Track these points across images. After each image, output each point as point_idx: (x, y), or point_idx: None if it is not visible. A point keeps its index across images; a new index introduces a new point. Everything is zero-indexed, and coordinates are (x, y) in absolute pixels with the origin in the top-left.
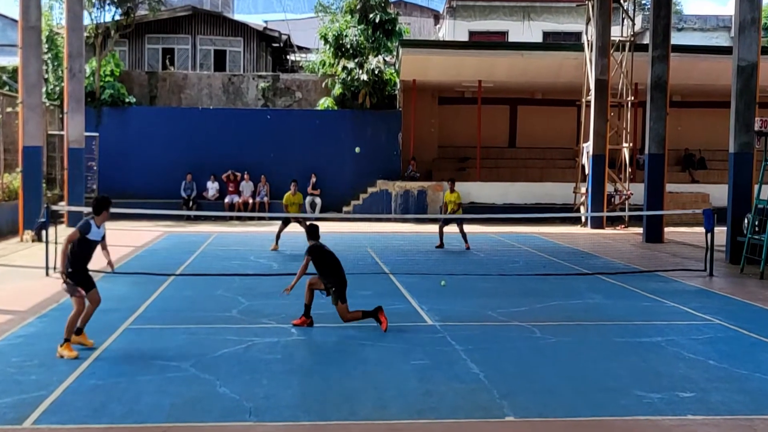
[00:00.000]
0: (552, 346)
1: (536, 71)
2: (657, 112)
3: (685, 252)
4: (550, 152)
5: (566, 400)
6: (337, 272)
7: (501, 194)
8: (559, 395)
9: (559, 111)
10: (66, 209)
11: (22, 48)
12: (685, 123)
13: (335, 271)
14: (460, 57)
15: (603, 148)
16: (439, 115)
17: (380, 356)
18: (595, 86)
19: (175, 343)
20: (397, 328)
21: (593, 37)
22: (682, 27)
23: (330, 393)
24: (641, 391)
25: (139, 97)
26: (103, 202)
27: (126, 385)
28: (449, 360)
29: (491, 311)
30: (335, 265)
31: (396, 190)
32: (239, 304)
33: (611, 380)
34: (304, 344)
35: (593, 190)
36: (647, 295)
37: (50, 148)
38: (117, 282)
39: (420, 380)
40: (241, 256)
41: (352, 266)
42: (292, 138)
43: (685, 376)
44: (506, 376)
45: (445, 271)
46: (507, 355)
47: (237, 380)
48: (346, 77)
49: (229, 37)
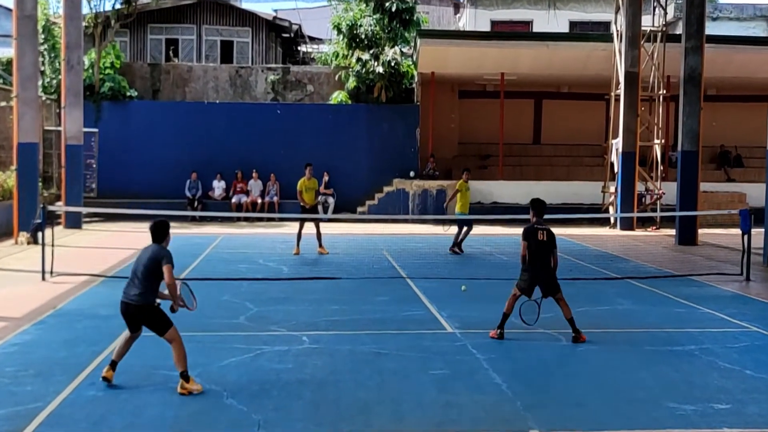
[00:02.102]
0: (579, 355)
1: (562, 63)
2: (690, 106)
3: (721, 255)
4: (577, 149)
5: (594, 412)
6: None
7: (525, 194)
8: (587, 407)
9: (587, 105)
10: (63, 210)
11: (17, 39)
12: (721, 118)
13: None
14: (481, 48)
15: (633, 145)
16: (459, 110)
17: (397, 366)
18: (624, 79)
19: None
20: (415, 336)
21: (623, 27)
22: (717, 16)
23: (343, 404)
24: (674, 402)
25: (140, 91)
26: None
27: (127, 396)
28: (470, 370)
29: (514, 318)
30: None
31: (413, 190)
32: (247, 310)
33: (642, 391)
34: (316, 353)
35: (623, 189)
36: (680, 301)
37: (46, 144)
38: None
39: (439, 391)
40: (249, 260)
41: (367, 270)
42: (303, 134)
43: (721, 387)
44: (531, 387)
45: (466, 276)
46: (531, 364)
47: (245, 391)
48: (361, 69)
49: (236, 27)
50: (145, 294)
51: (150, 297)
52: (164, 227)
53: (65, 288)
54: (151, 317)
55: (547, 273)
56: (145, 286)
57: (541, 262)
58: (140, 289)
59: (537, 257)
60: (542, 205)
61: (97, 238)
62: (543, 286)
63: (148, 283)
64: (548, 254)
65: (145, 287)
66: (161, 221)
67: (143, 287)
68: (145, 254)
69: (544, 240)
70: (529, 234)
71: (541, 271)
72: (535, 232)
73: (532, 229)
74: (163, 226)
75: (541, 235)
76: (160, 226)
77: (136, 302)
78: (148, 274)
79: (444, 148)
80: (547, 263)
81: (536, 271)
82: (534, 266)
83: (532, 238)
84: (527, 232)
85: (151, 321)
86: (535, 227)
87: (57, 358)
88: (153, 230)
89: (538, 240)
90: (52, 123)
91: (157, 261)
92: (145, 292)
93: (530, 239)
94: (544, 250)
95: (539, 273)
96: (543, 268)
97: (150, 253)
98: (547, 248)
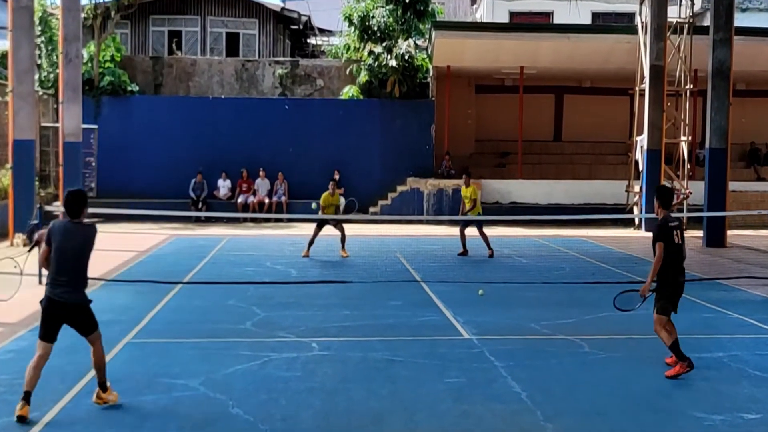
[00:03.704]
0: (602, 363)
1: (584, 56)
2: (719, 101)
3: (750, 257)
4: (599, 147)
5: (617, 422)
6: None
7: (545, 193)
8: (610, 417)
9: (610, 101)
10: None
11: (13, 30)
12: (750, 114)
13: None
14: (499, 40)
15: (659, 142)
16: (476, 106)
17: (411, 373)
18: (649, 73)
19: (183, 359)
20: (430, 343)
21: (648, 18)
22: (746, 7)
23: (355, 414)
24: (701, 412)
25: (142, 85)
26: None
27: (128, 406)
28: (488, 378)
29: (534, 323)
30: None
31: (428, 189)
32: (254, 315)
33: (667, 400)
34: (326, 360)
35: (648, 188)
36: (707, 306)
37: (43, 141)
38: (118, 291)
39: (455, 400)
40: (256, 262)
41: (380, 273)
42: (312, 131)
43: (751, 396)
44: (551, 396)
45: (483, 279)
46: (552, 372)
47: (251, 400)
48: (373, 63)
49: (242, 19)
50: (83, 288)
51: (84, 291)
52: (83, 197)
53: None
54: (88, 314)
55: (684, 281)
56: (80, 277)
57: (680, 269)
58: (78, 283)
59: (676, 263)
60: (670, 195)
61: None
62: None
63: (83, 275)
64: (683, 258)
65: (81, 279)
66: (77, 190)
67: (80, 280)
68: (74, 239)
69: (680, 243)
70: (667, 232)
71: (681, 279)
72: (671, 231)
73: (668, 228)
74: (82, 195)
75: (676, 235)
76: (78, 197)
77: (74, 300)
78: (82, 264)
79: (460, 146)
80: (683, 269)
81: (679, 282)
82: (677, 275)
83: (669, 239)
84: (663, 230)
85: (86, 319)
86: (669, 225)
87: (54, 366)
88: (70, 202)
89: (674, 243)
90: (50, 119)
91: (91, 245)
92: (82, 286)
93: (668, 240)
94: (680, 253)
95: (682, 283)
96: (682, 274)
97: (81, 240)
98: (681, 251)
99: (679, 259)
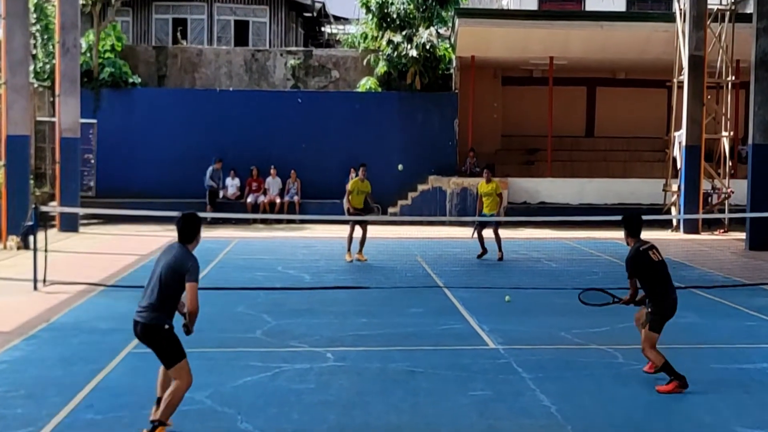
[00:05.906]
0: (637, 374)
1: (618, 46)
2: (763, 94)
3: None
4: (634, 143)
5: None
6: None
7: (576, 193)
8: None
9: (646, 93)
10: (57, 210)
11: (6, 18)
12: None
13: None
14: (527, 29)
15: (698, 138)
16: (502, 99)
17: (433, 386)
18: (688, 64)
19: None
20: (453, 353)
21: (686, 5)
22: None
23: (372, 429)
24: (743, 427)
25: (145, 77)
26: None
27: (129, 420)
28: (515, 391)
29: (565, 332)
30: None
31: (451, 188)
32: (264, 323)
33: (708, 414)
34: (342, 371)
35: (687, 187)
36: (751, 313)
37: (39, 137)
38: (119, 297)
39: (480, 415)
40: (266, 267)
41: (400, 278)
42: (327, 126)
43: None
44: (583, 410)
45: (510, 285)
46: (584, 384)
47: (262, 414)
48: (392, 53)
49: (252, 6)
50: (156, 310)
51: (162, 315)
52: (195, 223)
53: (60, 299)
54: (160, 342)
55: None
56: (158, 299)
57: (670, 285)
58: (151, 302)
59: (664, 280)
60: (638, 223)
61: (95, 243)
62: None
63: (163, 297)
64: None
65: (158, 301)
66: (191, 215)
67: (156, 300)
68: (166, 258)
69: (660, 258)
70: (639, 260)
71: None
72: (644, 255)
73: (640, 253)
74: (193, 221)
75: (654, 254)
76: (189, 221)
77: (144, 320)
78: (163, 285)
79: (486, 142)
80: (674, 287)
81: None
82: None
83: (646, 264)
84: (635, 260)
85: (159, 346)
86: (641, 249)
87: (51, 377)
88: (181, 226)
89: (655, 262)
90: (45, 113)
91: (178, 273)
92: (158, 308)
93: (644, 266)
94: (665, 269)
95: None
96: (674, 291)
97: (171, 260)
98: (665, 267)
99: (667, 275)
